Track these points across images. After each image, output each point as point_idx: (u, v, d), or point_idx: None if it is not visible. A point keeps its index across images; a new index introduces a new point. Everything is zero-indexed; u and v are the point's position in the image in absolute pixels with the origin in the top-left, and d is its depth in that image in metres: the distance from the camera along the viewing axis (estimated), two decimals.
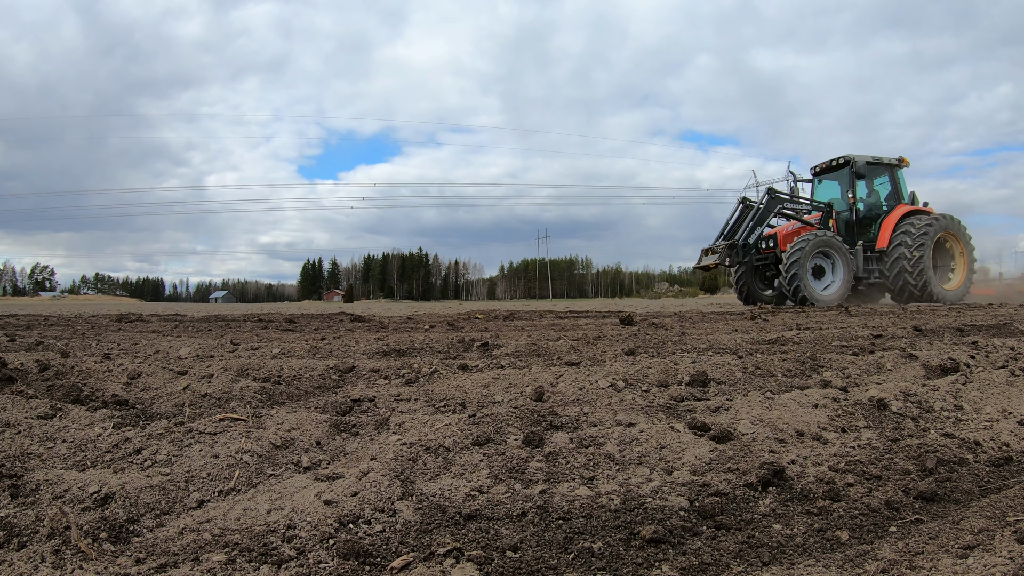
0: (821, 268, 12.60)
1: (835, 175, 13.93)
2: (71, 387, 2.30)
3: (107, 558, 1.09)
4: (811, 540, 1.19)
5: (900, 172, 13.91)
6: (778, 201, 13.11)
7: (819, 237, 12.36)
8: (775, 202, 13.09)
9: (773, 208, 13.11)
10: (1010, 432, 1.75)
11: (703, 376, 2.46)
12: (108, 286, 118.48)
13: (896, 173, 13.80)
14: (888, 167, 13.83)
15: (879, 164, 13.78)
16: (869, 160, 13.54)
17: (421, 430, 1.65)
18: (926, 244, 12.53)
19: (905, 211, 13.19)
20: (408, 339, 4.01)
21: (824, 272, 12.63)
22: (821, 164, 14.27)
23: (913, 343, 3.66)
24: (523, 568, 1.08)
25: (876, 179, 13.97)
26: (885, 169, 13.87)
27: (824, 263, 12.63)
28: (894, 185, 13.74)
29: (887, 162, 13.79)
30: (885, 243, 12.91)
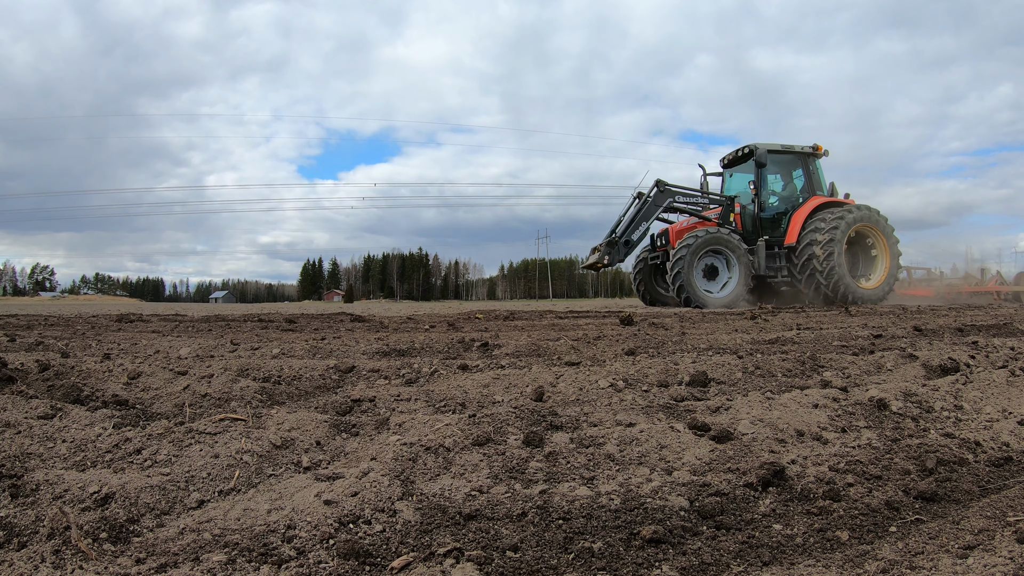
0: (714, 268, 11.61)
1: (744, 167, 12.88)
2: (71, 387, 2.29)
3: (107, 558, 1.09)
4: (811, 540, 1.19)
5: (817, 162, 12.83)
6: (668, 195, 11.95)
7: (709, 234, 11.35)
8: (664, 196, 11.92)
9: (662, 202, 11.91)
10: (1010, 432, 1.75)
11: (703, 376, 2.45)
12: (108, 286, 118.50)
13: (811, 163, 12.67)
14: (801, 156, 12.67)
15: (789, 153, 12.64)
16: (774, 149, 12.41)
17: (421, 430, 1.65)
18: (835, 240, 11.48)
19: (818, 204, 12.12)
20: (408, 339, 4.01)
21: (718, 272, 11.62)
22: (729, 155, 13.16)
23: (913, 343, 3.66)
24: (523, 568, 1.08)
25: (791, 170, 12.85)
26: (798, 159, 12.70)
27: (718, 262, 11.61)
28: (808, 176, 12.60)
29: (799, 151, 12.65)
30: (794, 239, 11.87)
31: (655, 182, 11.99)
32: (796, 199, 12.57)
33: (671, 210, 12.20)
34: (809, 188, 12.59)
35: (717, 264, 11.63)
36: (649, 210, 11.84)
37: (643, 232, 11.93)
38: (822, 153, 12.90)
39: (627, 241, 11.76)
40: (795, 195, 12.66)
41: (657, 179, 12.05)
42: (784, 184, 13.01)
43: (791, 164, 12.80)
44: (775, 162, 12.61)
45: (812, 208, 12.05)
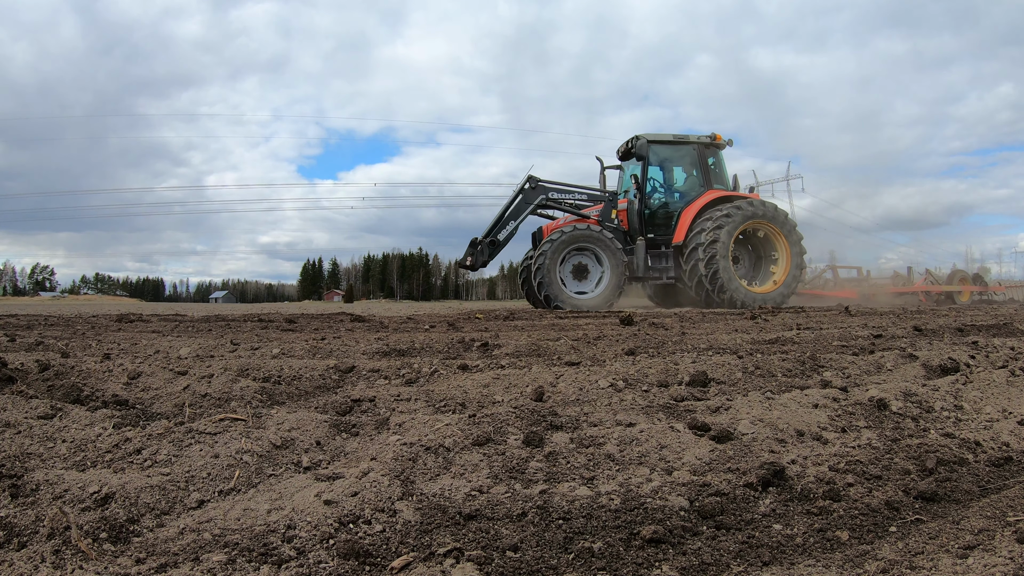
0: (585, 267, 10.83)
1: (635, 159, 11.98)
2: (71, 387, 2.29)
3: (107, 558, 1.09)
4: (811, 540, 1.19)
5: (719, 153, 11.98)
6: (541, 191, 11.18)
7: (576, 231, 10.60)
8: (536, 192, 11.14)
9: (533, 199, 11.13)
10: (1010, 432, 1.75)
11: (703, 376, 2.45)
12: (108, 286, 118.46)
13: (708, 154, 11.67)
14: (697, 147, 11.62)
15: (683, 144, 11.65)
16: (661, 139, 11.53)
17: (421, 430, 1.65)
18: (720, 239, 10.62)
19: (713, 198, 11.16)
20: (408, 339, 4.01)
21: (588, 272, 10.83)
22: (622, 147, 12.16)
23: (913, 343, 3.66)
24: (523, 568, 1.08)
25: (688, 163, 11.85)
26: (693, 150, 11.66)
27: (589, 261, 10.82)
28: (704, 168, 11.60)
29: (695, 141, 11.62)
30: (681, 236, 11.04)
31: (527, 178, 11.25)
32: (690, 193, 11.66)
33: (546, 207, 11.40)
34: (705, 181, 11.56)
35: (588, 263, 10.85)
36: (519, 208, 11.13)
37: (511, 232, 11.12)
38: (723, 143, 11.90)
39: (492, 241, 11.05)
40: (693, 188, 11.71)
41: (529, 175, 11.26)
42: (684, 178, 12.05)
43: (686, 156, 11.85)
44: (667, 154, 11.82)
45: (705, 203, 11.14)
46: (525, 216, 11.25)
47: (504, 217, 11.14)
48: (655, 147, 11.55)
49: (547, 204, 11.35)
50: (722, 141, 11.86)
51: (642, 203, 11.37)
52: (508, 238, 11.15)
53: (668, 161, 11.99)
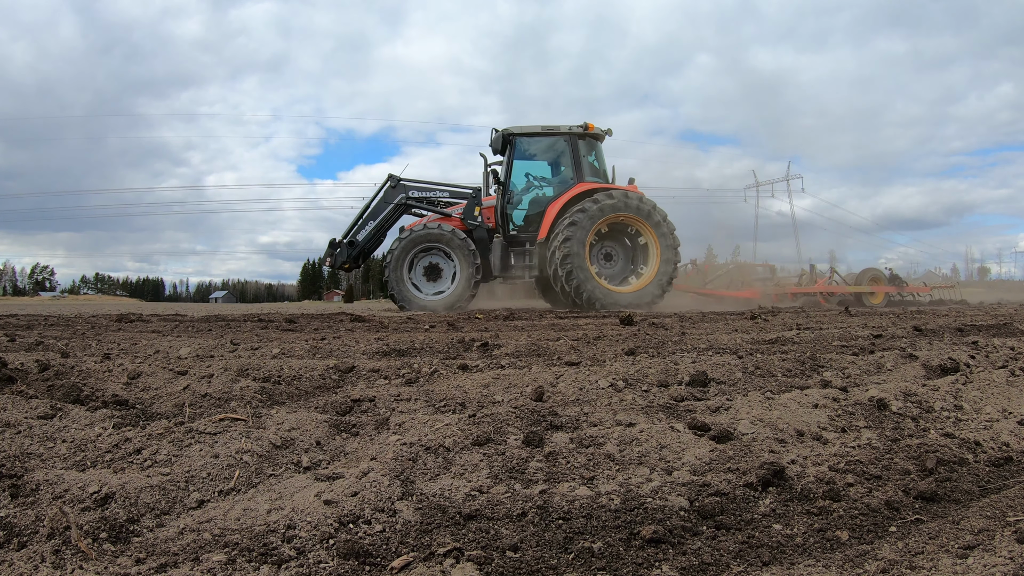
0: (438, 267, 10.51)
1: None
2: (71, 387, 2.29)
3: (107, 558, 1.09)
4: (811, 540, 1.19)
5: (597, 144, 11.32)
6: (401, 190, 10.85)
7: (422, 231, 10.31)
8: (396, 192, 10.84)
9: (393, 199, 10.82)
10: (1010, 432, 1.75)
11: (703, 376, 2.45)
12: (108, 286, 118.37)
13: (580, 145, 10.94)
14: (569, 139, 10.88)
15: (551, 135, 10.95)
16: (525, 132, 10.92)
17: (421, 430, 1.65)
18: (573, 237, 10.06)
19: (580, 192, 10.52)
20: (408, 339, 4.01)
21: (442, 272, 10.50)
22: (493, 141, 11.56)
23: (913, 343, 3.66)
24: (523, 568, 1.08)
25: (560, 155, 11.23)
26: (563, 142, 10.97)
27: (441, 261, 10.48)
28: (576, 160, 10.86)
29: (564, 132, 10.84)
30: (545, 233, 10.46)
31: (388, 176, 10.95)
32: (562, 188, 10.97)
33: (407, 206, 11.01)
34: (577, 174, 10.84)
35: (441, 263, 10.51)
36: (378, 207, 10.86)
37: (371, 232, 10.86)
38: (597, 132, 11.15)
39: (351, 242, 10.80)
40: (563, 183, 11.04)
41: (389, 173, 10.98)
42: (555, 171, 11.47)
43: (556, 148, 11.22)
44: (536, 147, 11.24)
45: (572, 198, 10.52)
46: (388, 215, 10.94)
47: (363, 217, 10.94)
48: (521, 140, 10.97)
49: (408, 203, 10.99)
50: (597, 131, 11.11)
51: (504, 199, 10.83)
52: (368, 238, 10.88)
53: (537, 154, 11.42)
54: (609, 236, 10.81)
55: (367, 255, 11.32)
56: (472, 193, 11.02)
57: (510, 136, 10.84)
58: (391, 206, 10.91)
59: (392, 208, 10.92)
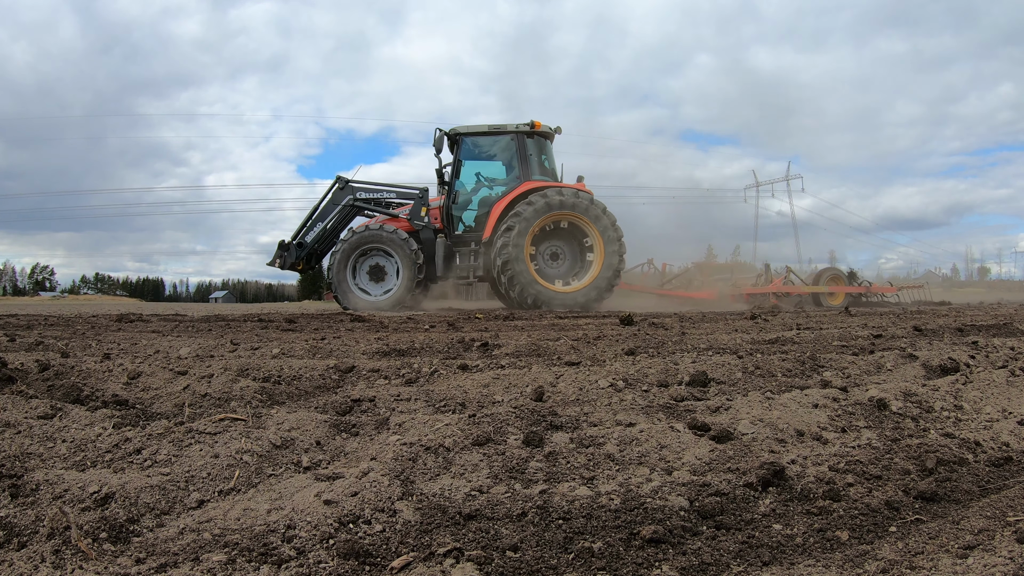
0: (382, 268, 10.54)
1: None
2: (71, 387, 2.29)
3: (107, 558, 1.09)
4: (811, 540, 1.19)
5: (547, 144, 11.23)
6: (349, 191, 10.93)
7: (364, 233, 10.37)
8: (344, 193, 10.91)
9: (341, 200, 10.88)
10: (1010, 432, 1.75)
11: (703, 376, 2.45)
12: (108, 286, 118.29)
13: (528, 143, 10.82)
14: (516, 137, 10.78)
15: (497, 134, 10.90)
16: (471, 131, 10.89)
17: (421, 430, 1.65)
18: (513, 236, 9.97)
19: (526, 190, 10.40)
20: (408, 339, 4.01)
21: (386, 273, 10.54)
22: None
23: (913, 343, 3.66)
24: (523, 568, 1.08)
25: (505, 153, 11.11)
26: (511, 140, 10.85)
27: (385, 262, 10.53)
28: (523, 159, 10.77)
29: (511, 130, 10.78)
30: (489, 233, 10.39)
31: (335, 178, 11.01)
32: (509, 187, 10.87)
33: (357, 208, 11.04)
34: (523, 173, 10.74)
35: (385, 264, 10.56)
36: (326, 209, 10.91)
37: (319, 233, 10.84)
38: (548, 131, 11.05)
39: (300, 244, 10.81)
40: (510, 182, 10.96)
41: (337, 175, 11.04)
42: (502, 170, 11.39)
43: (503, 147, 11.10)
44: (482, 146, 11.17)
45: (516, 196, 10.44)
46: (336, 216, 10.94)
47: (312, 219, 10.98)
48: (468, 139, 10.94)
49: (356, 204, 11.01)
50: (544, 128, 10.99)
51: (449, 199, 10.84)
52: (317, 240, 10.87)
53: (484, 153, 11.30)
54: (557, 235, 10.75)
55: (320, 257, 11.30)
56: (419, 194, 11.01)
57: (457, 136, 10.81)
58: (339, 207, 10.94)
59: (340, 210, 11.01)
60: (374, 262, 10.54)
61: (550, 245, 10.81)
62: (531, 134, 10.87)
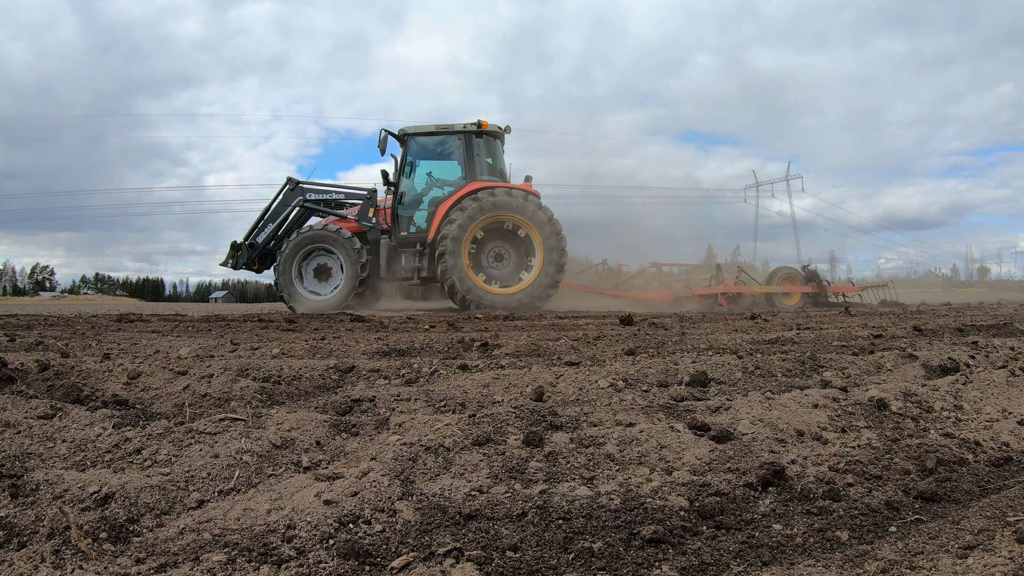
0: (327, 268, 10.64)
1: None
2: (71, 387, 2.29)
3: (107, 558, 1.09)
4: (811, 540, 1.19)
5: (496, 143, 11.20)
6: (299, 192, 11.02)
7: (310, 233, 10.46)
8: (295, 194, 10.99)
9: (291, 201, 10.97)
10: (1010, 432, 1.75)
11: (703, 376, 2.45)
12: (108, 286, 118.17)
13: (476, 143, 10.77)
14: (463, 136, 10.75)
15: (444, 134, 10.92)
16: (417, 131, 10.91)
17: (421, 430, 1.65)
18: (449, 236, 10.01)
19: (471, 190, 10.37)
20: (408, 339, 4.01)
21: (332, 273, 10.62)
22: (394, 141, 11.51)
23: (913, 343, 3.66)
24: (523, 568, 1.08)
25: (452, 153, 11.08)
26: (458, 140, 10.83)
27: (331, 262, 10.61)
28: (470, 158, 10.73)
29: (459, 130, 10.77)
30: (433, 233, 10.40)
31: (286, 179, 11.10)
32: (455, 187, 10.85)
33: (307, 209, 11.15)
34: (469, 173, 10.71)
35: (331, 264, 10.64)
36: (277, 210, 11.01)
37: (270, 234, 10.95)
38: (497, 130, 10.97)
39: (251, 244, 10.93)
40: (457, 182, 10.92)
41: (288, 176, 11.18)
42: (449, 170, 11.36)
43: (450, 147, 11.07)
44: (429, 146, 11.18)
45: (460, 196, 10.39)
46: (287, 218, 11.04)
47: (263, 220, 11.08)
48: (415, 139, 10.93)
49: (306, 205, 11.10)
50: (492, 127, 10.95)
51: (395, 199, 10.83)
52: (268, 240, 10.95)
53: (432, 153, 11.29)
54: (502, 236, 10.71)
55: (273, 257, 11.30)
56: (367, 194, 11.02)
57: (405, 136, 10.82)
58: (290, 208, 11.03)
59: (290, 211, 11.10)
60: (319, 262, 10.64)
61: (495, 246, 10.79)
62: (479, 133, 10.83)
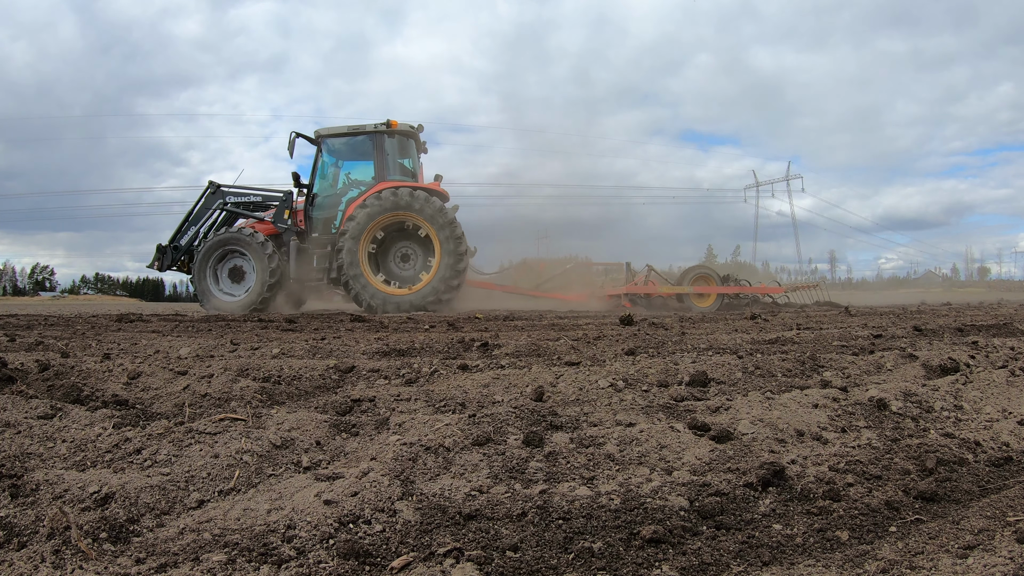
0: (241, 270, 10.82)
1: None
2: (71, 387, 2.29)
3: (107, 558, 1.09)
4: (811, 540, 1.19)
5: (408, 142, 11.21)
6: (220, 195, 11.20)
7: (223, 235, 10.67)
8: (215, 197, 11.19)
9: (212, 204, 11.17)
10: (1010, 432, 1.75)
11: (703, 376, 2.45)
12: (108, 286, 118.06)
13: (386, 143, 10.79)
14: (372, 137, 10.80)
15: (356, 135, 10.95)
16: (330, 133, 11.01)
17: (421, 430, 1.65)
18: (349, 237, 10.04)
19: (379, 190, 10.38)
20: (408, 339, 4.01)
21: (245, 275, 10.79)
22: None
23: (913, 343, 3.66)
24: (523, 568, 1.08)
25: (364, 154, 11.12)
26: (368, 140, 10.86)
27: (245, 264, 10.77)
28: (380, 159, 10.74)
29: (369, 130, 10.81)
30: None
31: (207, 183, 11.28)
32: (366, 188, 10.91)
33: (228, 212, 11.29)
34: (379, 173, 10.77)
35: (245, 266, 10.81)
36: (199, 213, 11.22)
37: (192, 237, 11.14)
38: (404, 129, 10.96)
39: (175, 247, 11.15)
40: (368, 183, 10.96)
41: (209, 180, 11.35)
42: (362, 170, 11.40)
43: (362, 148, 11.09)
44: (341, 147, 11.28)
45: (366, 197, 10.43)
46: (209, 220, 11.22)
47: (186, 223, 11.28)
48: (328, 140, 11.04)
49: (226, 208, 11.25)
50: (403, 127, 10.96)
51: (308, 201, 10.90)
52: (191, 243, 11.12)
53: (346, 155, 11.42)
54: (409, 236, 10.68)
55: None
56: (283, 196, 11.07)
57: (319, 138, 10.92)
58: (211, 211, 11.23)
59: (211, 214, 11.24)
60: (234, 264, 10.82)
61: (403, 247, 10.82)
62: (391, 133, 10.85)
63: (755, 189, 66.66)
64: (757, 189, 66.97)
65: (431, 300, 10.12)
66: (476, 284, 11.82)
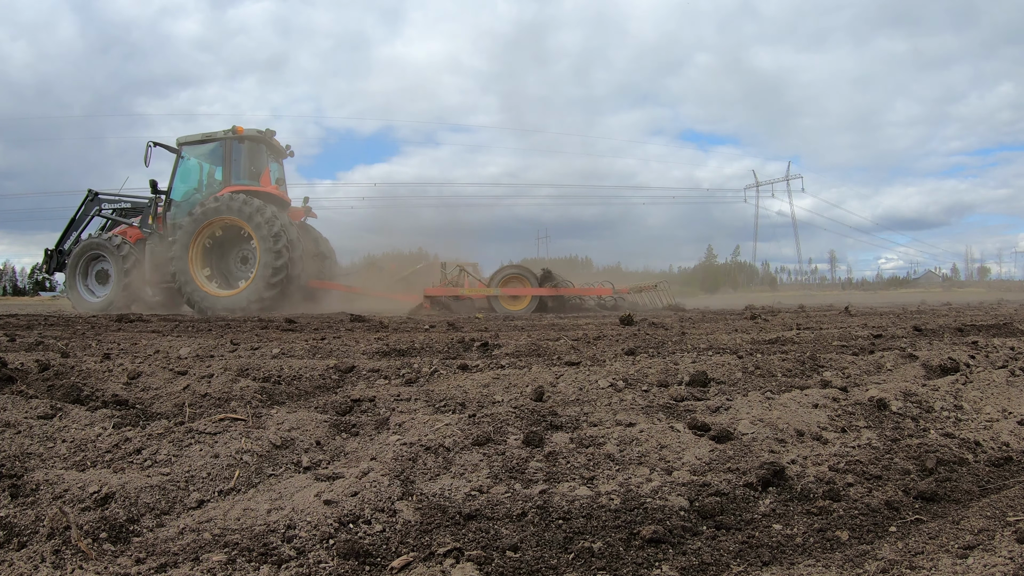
0: (107, 272, 11.48)
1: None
2: (71, 387, 2.29)
3: (107, 558, 1.09)
4: (811, 540, 1.19)
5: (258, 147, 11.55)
6: (96, 203, 12.03)
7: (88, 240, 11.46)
8: (93, 204, 12.01)
9: (91, 211, 11.98)
10: (1010, 432, 1.75)
11: (703, 376, 2.45)
12: None
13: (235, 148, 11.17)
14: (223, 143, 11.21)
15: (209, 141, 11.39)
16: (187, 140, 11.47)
17: (421, 430, 1.65)
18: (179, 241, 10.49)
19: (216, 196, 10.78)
20: (408, 339, 4.01)
21: (109, 276, 11.43)
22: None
23: (913, 343, 3.66)
24: (523, 568, 1.08)
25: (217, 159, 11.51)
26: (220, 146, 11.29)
27: (109, 267, 11.41)
28: (227, 164, 11.16)
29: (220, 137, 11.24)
30: None
31: (87, 192, 12.03)
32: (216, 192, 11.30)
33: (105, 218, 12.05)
34: (225, 178, 11.21)
35: (109, 269, 11.45)
36: (79, 220, 12.00)
37: (74, 241, 11.89)
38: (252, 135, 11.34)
39: (60, 251, 11.99)
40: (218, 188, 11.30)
41: (88, 189, 12.13)
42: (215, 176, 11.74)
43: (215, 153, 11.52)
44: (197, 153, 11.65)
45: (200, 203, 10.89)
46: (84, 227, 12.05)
47: (68, 229, 12.08)
48: (185, 147, 11.51)
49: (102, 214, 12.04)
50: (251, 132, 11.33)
51: (164, 206, 11.44)
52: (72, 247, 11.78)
53: (200, 160, 11.79)
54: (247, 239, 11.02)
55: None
56: (148, 203, 11.72)
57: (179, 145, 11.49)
58: (90, 217, 12.10)
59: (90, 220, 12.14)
60: (100, 267, 11.62)
61: (243, 249, 11.26)
62: (240, 139, 11.26)
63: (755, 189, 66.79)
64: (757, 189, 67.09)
65: (253, 301, 10.36)
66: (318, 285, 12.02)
